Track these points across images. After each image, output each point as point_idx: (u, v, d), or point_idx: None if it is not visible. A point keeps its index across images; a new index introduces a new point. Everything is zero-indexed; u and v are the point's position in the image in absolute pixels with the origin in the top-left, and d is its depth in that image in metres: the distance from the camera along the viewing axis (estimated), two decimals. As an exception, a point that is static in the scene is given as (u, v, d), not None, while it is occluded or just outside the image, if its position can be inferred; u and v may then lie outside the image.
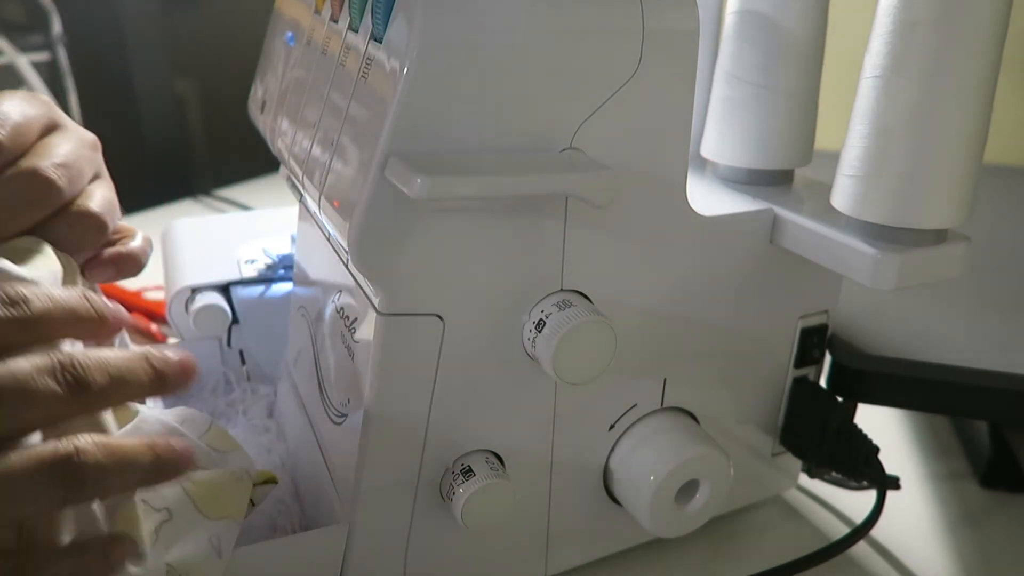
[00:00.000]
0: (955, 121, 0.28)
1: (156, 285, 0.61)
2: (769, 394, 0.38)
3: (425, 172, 0.23)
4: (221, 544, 0.28)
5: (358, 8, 0.28)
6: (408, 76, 0.24)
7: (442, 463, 0.31)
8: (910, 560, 0.38)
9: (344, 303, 0.32)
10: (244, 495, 0.30)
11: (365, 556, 0.31)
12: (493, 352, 0.29)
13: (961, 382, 0.37)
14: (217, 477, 0.29)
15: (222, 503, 0.29)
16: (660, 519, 0.33)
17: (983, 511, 0.42)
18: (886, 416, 0.49)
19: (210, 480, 0.29)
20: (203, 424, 0.31)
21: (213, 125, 1.06)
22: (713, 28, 0.39)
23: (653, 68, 0.28)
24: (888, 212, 0.29)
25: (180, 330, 0.45)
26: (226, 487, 0.29)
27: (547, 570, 0.35)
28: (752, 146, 0.35)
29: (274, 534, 0.35)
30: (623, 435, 0.34)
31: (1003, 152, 0.61)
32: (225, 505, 0.29)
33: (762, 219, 0.33)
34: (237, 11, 1.02)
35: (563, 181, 0.26)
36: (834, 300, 0.37)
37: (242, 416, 0.42)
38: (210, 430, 0.31)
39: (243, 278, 0.45)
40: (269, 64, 0.39)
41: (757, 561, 0.36)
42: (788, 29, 0.33)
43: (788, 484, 0.41)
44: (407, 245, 0.26)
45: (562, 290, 0.30)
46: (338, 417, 0.32)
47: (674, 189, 0.30)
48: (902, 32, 0.28)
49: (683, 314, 0.33)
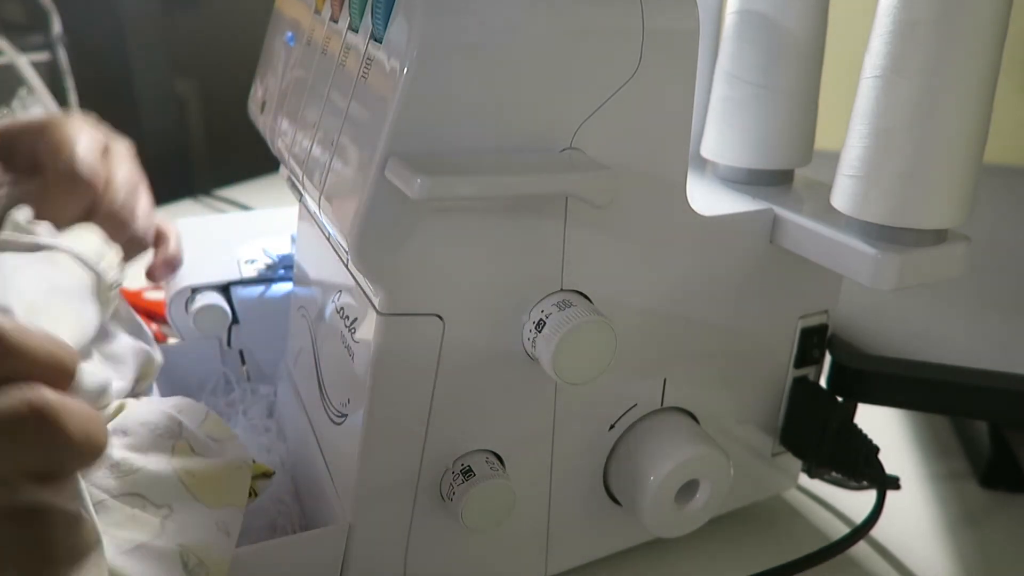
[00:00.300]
0: (955, 121, 0.28)
1: (156, 285, 0.61)
2: (769, 394, 0.38)
3: (425, 172, 0.23)
4: (229, 527, 0.28)
5: (358, 8, 0.28)
6: (408, 76, 0.24)
7: (442, 463, 0.31)
8: (910, 560, 0.38)
9: (344, 303, 0.32)
10: (244, 482, 0.30)
11: (365, 556, 0.31)
12: (493, 352, 0.29)
13: (961, 382, 0.37)
14: (215, 467, 0.29)
15: (223, 492, 0.29)
16: (660, 519, 0.33)
17: (983, 511, 0.42)
18: (886, 416, 0.49)
19: (208, 471, 0.29)
20: (200, 413, 0.31)
21: (213, 125, 1.06)
22: (713, 28, 0.39)
23: (653, 68, 0.28)
24: (888, 212, 0.29)
25: (180, 330, 0.45)
26: (225, 476, 0.29)
27: (547, 570, 0.35)
28: (752, 146, 0.35)
29: (274, 534, 0.35)
30: (623, 435, 0.34)
31: (1003, 152, 0.61)
32: (226, 494, 0.29)
33: (762, 219, 0.33)
34: (237, 11, 1.02)
35: (563, 181, 0.26)
36: (834, 300, 0.37)
37: (242, 416, 0.42)
38: (207, 419, 0.31)
39: (243, 278, 0.45)
40: (269, 64, 0.39)
41: (757, 561, 0.36)
42: (788, 29, 0.33)
43: (788, 484, 0.41)
44: (407, 245, 0.26)
45: (562, 290, 0.30)
46: (338, 417, 0.32)
47: (674, 189, 0.30)
48: (902, 32, 0.28)
49: (683, 314, 0.33)
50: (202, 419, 0.31)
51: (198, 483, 0.28)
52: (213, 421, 0.31)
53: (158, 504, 0.27)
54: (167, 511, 0.27)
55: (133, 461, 0.28)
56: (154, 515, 0.27)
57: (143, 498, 0.27)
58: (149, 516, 0.27)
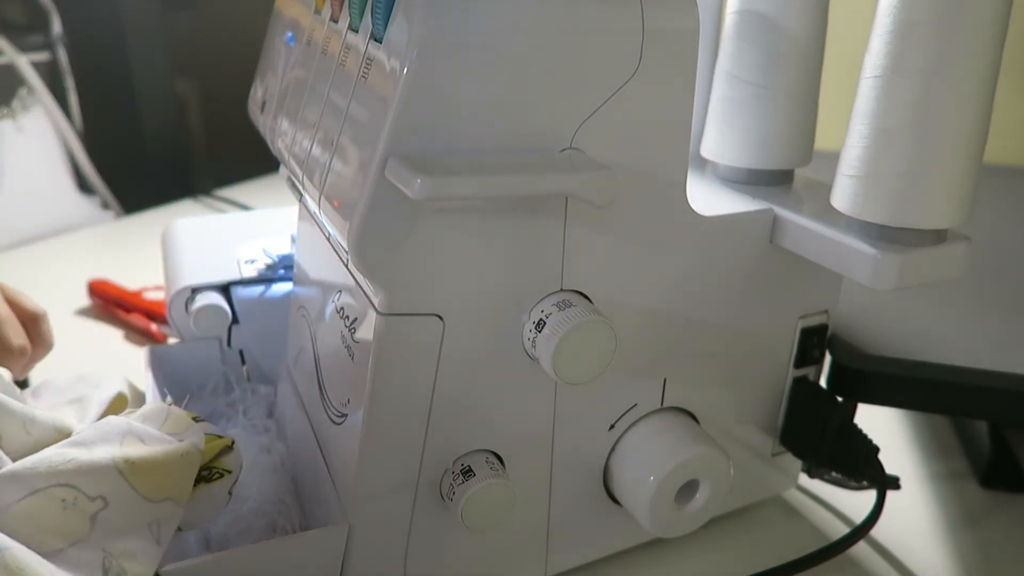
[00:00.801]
0: (955, 121, 0.28)
1: (156, 285, 0.61)
2: (769, 394, 0.38)
3: (425, 172, 0.23)
4: (161, 531, 0.27)
5: (358, 8, 0.28)
6: (408, 76, 0.24)
7: (442, 463, 0.31)
8: (910, 560, 0.38)
9: (344, 303, 0.32)
10: (188, 472, 0.29)
11: (365, 556, 0.31)
12: (493, 352, 0.29)
13: (961, 382, 0.37)
14: (158, 453, 0.28)
15: (163, 482, 0.28)
16: (660, 519, 0.33)
17: (983, 511, 0.42)
18: (886, 416, 0.49)
19: (148, 457, 0.28)
20: (161, 415, 0.30)
21: (213, 125, 1.06)
22: (713, 28, 0.39)
23: (653, 68, 0.28)
24: (888, 212, 0.29)
25: (180, 330, 0.45)
26: (167, 464, 0.28)
27: (547, 570, 0.35)
28: (752, 146, 0.35)
29: (274, 534, 0.35)
30: (623, 435, 0.34)
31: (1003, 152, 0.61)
32: (167, 485, 0.28)
33: (762, 219, 0.33)
34: (237, 11, 1.02)
35: (563, 181, 0.26)
36: (834, 300, 0.37)
37: (242, 416, 0.42)
38: (168, 419, 0.30)
39: (243, 278, 0.45)
40: (269, 64, 0.39)
41: (757, 561, 0.36)
42: (788, 29, 0.33)
43: (788, 484, 0.41)
44: (407, 245, 0.26)
45: (562, 290, 0.30)
46: (338, 417, 0.32)
47: (674, 189, 0.30)
48: (902, 32, 0.28)
49: (683, 314, 0.33)
50: (163, 420, 0.30)
51: (136, 471, 0.27)
52: (173, 418, 0.30)
53: (91, 496, 0.26)
54: (101, 503, 0.26)
55: (72, 454, 0.27)
56: (86, 509, 0.26)
57: (76, 489, 0.26)
58: (79, 512, 0.26)
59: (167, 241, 0.50)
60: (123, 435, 0.28)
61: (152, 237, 0.61)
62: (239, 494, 0.35)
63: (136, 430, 0.29)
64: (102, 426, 0.29)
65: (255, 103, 0.40)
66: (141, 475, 0.27)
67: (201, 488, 0.30)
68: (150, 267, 0.63)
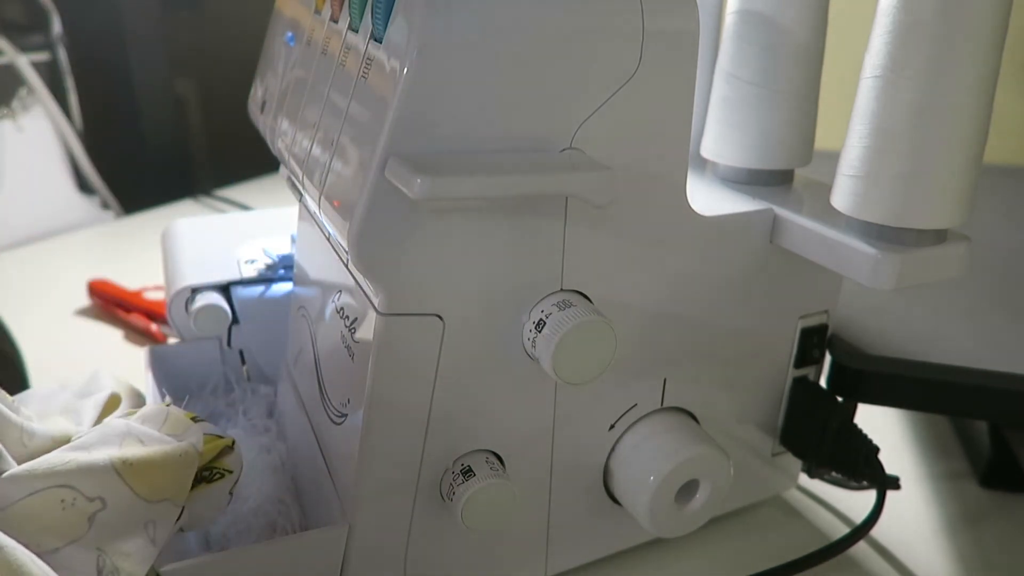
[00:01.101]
0: (955, 121, 0.28)
1: (156, 285, 0.61)
2: (769, 394, 0.38)
3: (425, 172, 0.23)
4: (156, 531, 0.27)
5: (358, 8, 0.28)
6: (408, 76, 0.24)
7: (442, 463, 0.31)
8: (910, 560, 0.38)
9: (344, 303, 0.32)
10: (186, 472, 0.29)
11: (365, 556, 0.31)
12: (493, 352, 0.30)
13: (961, 382, 0.37)
14: (155, 454, 0.28)
15: (161, 483, 0.28)
16: (660, 519, 0.33)
17: (983, 511, 0.42)
18: (886, 416, 0.49)
19: (148, 458, 0.28)
20: (160, 416, 0.30)
21: (213, 125, 1.06)
22: (713, 28, 0.39)
23: (653, 68, 0.28)
24: (888, 212, 0.29)
25: (180, 330, 0.45)
26: (166, 465, 0.28)
27: (547, 570, 0.35)
28: (752, 146, 0.35)
29: (274, 534, 0.35)
30: (623, 435, 0.34)
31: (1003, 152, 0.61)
32: (164, 485, 0.28)
33: (762, 219, 0.33)
34: (237, 11, 1.02)
35: (563, 181, 0.26)
36: (834, 300, 0.37)
37: (242, 416, 0.42)
38: (167, 420, 0.30)
39: (243, 278, 0.45)
40: (269, 64, 0.39)
41: (757, 561, 0.36)
42: (788, 29, 0.33)
43: (788, 484, 0.41)
44: (407, 245, 0.26)
45: (562, 290, 0.30)
46: (338, 417, 0.32)
47: (674, 189, 0.30)
48: (902, 32, 0.28)
49: (683, 314, 0.33)
50: (163, 420, 0.30)
51: (134, 472, 0.27)
52: (173, 419, 0.30)
53: (90, 497, 0.26)
54: (99, 504, 0.26)
55: (72, 456, 0.27)
56: (85, 509, 0.26)
57: (75, 490, 0.26)
58: (78, 512, 0.26)
59: (167, 241, 0.50)
60: (123, 437, 0.29)
61: (152, 237, 0.61)
62: (239, 494, 0.35)
63: (136, 431, 0.29)
64: (102, 429, 0.29)
65: (255, 103, 0.40)
66: (138, 476, 0.27)
67: (202, 488, 0.30)
68: (150, 267, 0.63)
